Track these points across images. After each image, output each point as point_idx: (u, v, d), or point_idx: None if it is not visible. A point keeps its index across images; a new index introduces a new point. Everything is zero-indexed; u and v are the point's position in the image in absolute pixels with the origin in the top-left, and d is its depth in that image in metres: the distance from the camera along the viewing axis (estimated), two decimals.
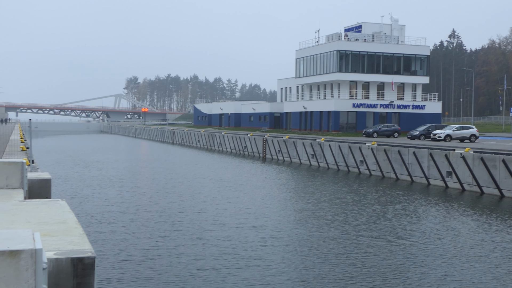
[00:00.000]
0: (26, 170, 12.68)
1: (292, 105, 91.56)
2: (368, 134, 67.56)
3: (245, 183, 40.20)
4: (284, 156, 62.41)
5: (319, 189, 37.56)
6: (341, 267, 17.69)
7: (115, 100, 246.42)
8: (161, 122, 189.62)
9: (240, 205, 29.91)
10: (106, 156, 66.22)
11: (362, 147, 48.79)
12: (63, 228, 8.02)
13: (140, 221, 24.95)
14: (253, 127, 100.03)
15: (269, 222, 25.23)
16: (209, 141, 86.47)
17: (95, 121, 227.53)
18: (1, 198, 10.95)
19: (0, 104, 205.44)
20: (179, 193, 34.26)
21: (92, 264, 6.29)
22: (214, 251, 19.43)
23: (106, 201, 30.67)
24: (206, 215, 26.64)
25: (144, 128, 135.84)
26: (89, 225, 23.45)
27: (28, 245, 4.58)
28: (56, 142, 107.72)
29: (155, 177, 43.55)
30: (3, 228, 8.04)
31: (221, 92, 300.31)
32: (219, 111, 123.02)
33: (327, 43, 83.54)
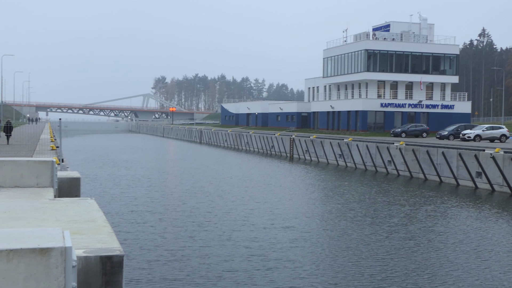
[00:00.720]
0: (56, 169, 12.84)
1: (319, 104, 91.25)
2: (396, 134, 67.03)
3: (273, 183, 40.06)
4: (311, 156, 62.22)
5: (347, 189, 37.27)
6: (372, 270, 17.41)
7: (143, 100, 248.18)
8: (188, 122, 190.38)
9: (268, 205, 29.68)
10: (135, 156, 66.69)
11: (390, 147, 48.43)
12: (92, 227, 8.10)
13: (168, 221, 24.91)
14: (280, 127, 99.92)
15: (299, 223, 25.00)
16: (236, 141, 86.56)
17: (123, 121, 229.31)
18: (32, 196, 11.10)
19: (31, 104, 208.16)
20: (207, 193, 34.18)
21: (120, 262, 6.34)
22: (243, 252, 19.25)
23: (134, 200, 30.78)
24: (234, 215, 26.48)
25: (172, 128, 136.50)
26: (117, 224, 23.49)
27: (58, 243, 4.63)
28: (85, 141, 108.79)
29: (183, 177, 43.70)
30: (34, 226, 8.15)
31: (248, 92, 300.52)
32: (246, 110, 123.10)
33: (355, 43, 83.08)
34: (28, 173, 12.37)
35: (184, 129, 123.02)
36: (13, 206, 9.84)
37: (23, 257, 4.47)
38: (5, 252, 4.41)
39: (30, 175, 12.38)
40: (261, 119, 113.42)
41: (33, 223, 8.37)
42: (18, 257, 4.45)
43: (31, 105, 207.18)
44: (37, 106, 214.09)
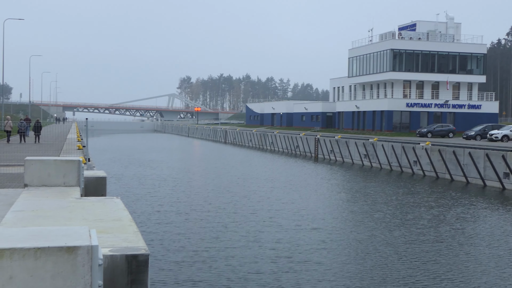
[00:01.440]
0: (82, 168, 12.95)
1: (344, 104, 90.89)
2: (422, 134, 66.46)
3: (298, 183, 39.94)
4: (336, 156, 62.01)
5: (374, 190, 37.02)
6: (402, 273, 17.12)
7: (169, 100, 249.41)
8: (213, 122, 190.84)
9: (294, 206, 29.47)
10: (160, 155, 67.06)
11: (416, 147, 48.06)
12: (118, 226, 8.16)
13: (193, 221, 24.89)
14: (305, 127, 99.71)
15: (325, 224, 24.77)
16: (261, 141, 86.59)
17: (149, 121, 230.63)
18: (59, 195, 11.22)
19: (58, 104, 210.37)
20: (232, 193, 34.13)
21: (146, 261, 6.38)
22: (269, 254, 19.06)
23: (159, 200, 30.90)
24: (260, 216, 26.34)
25: (197, 128, 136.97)
26: (142, 224, 23.55)
27: (85, 241, 4.68)
28: (111, 141, 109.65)
29: (208, 177, 43.79)
30: (61, 224, 8.23)
31: (273, 92, 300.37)
32: (271, 110, 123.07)
33: (380, 42, 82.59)
34: (55, 172, 12.50)
35: (209, 129, 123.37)
36: (40, 205, 9.96)
37: (51, 255, 4.52)
38: (33, 250, 4.47)
39: (57, 174, 12.50)
40: (286, 119, 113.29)
41: (60, 222, 8.46)
42: (45, 255, 4.50)
43: (58, 105, 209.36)
44: (64, 106, 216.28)
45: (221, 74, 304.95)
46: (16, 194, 12.86)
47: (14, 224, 8.16)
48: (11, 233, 4.96)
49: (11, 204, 10.83)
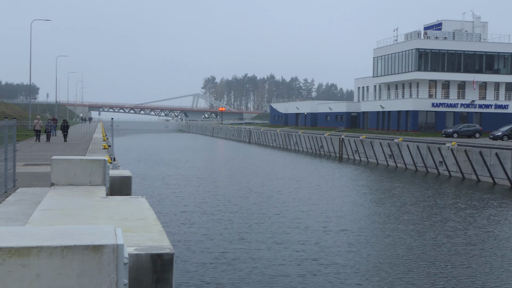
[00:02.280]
0: (108, 168, 13.06)
1: (369, 104, 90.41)
2: (448, 134, 65.81)
3: (323, 183, 39.71)
4: (360, 156, 61.71)
5: (401, 191, 36.62)
6: (432, 277, 16.70)
7: (193, 100, 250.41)
8: (238, 122, 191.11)
9: (320, 207, 29.11)
10: (185, 155, 67.32)
11: (442, 148, 47.62)
12: (143, 225, 8.21)
13: (218, 222, 24.70)
14: (329, 127, 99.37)
15: (353, 226, 24.37)
16: (285, 141, 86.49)
17: (173, 120, 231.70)
18: (85, 194, 11.33)
19: (84, 104, 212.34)
20: (257, 194, 33.92)
21: (170, 260, 6.41)
22: (296, 256, 18.74)
23: (184, 200, 30.94)
24: (286, 217, 26.03)
25: (221, 127, 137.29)
26: (167, 224, 23.43)
27: (111, 240, 4.71)
28: (136, 140, 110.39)
29: (232, 177, 43.82)
30: (87, 223, 8.31)
31: (297, 92, 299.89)
32: (295, 110, 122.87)
33: (405, 42, 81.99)
34: (81, 171, 12.62)
35: (233, 129, 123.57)
36: (67, 204, 10.06)
37: (77, 254, 4.56)
38: (59, 248, 4.51)
39: (83, 174, 12.62)
40: (310, 119, 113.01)
41: (86, 221, 8.54)
42: (72, 254, 4.54)
43: (84, 105, 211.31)
44: (90, 106, 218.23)
45: (246, 74, 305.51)
46: (43, 193, 13.01)
47: (41, 222, 8.25)
48: (38, 231, 5.01)
49: (38, 203, 10.96)
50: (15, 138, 16.41)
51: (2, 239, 4.63)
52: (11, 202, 12.66)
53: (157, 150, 76.08)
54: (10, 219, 10.66)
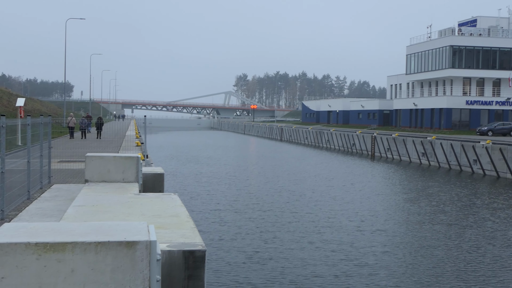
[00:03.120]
0: (140, 165, 13.17)
1: (402, 102, 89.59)
2: (483, 132, 64.85)
3: (357, 182, 39.25)
4: (393, 154, 61.18)
5: (436, 190, 35.93)
6: (473, 282, 16.14)
7: (225, 97, 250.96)
8: (269, 119, 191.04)
9: (353, 206, 28.63)
10: (216, 152, 67.53)
11: (476, 146, 46.96)
12: (176, 221, 8.26)
13: (250, 220, 24.48)
14: (361, 125, 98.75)
15: (388, 226, 23.88)
16: (317, 138, 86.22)
17: (205, 118, 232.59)
18: (118, 191, 11.44)
19: (117, 101, 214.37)
20: (289, 192, 33.61)
21: (202, 257, 6.44)
22: (329, 256, 18.38)
23: (215, 197, 30.90)
24: (318, 216, 25.63)
25: (253, 125, 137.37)
26: (198, 221, 23.27)
27: (144, 236, 4.75)
28: (168, 138, 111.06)
29: (264, 175, 43.72)
30: (120, 219, 8.39)
31: (329, 89, 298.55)
32: (327, 108, 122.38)
33: (439, 39, 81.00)
34: (115, 168, 12.75)
35: (265, 126, 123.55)
36: (100, 200, 10.18)
37: (110, 250, 4.61)
38: (93, 244, 4.57)
39: (117, 171, 12.76)
40: (342, 117, 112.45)
41: (119, 217, 8.62)
42: (105, 250, 4.60)
43: (117, 102, 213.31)
44: (123, 103, 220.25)
45: (277, 72, 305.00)
46: (78, 189, 13.19)
47: (75, 218, 8.36)
48: (72, 227, 5.08)
49: (72, 199, 11.12)
50: (50, 135, 16.66)
51: (38, 234, 4.71)
52: (46, 198, 12.86)
53: (189, 148, 76.47)
54: (45, 215, 10.83)
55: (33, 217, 10.67)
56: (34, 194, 13.32)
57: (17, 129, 25.74)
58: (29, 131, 13.38)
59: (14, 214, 11.01)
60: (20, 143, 24.25)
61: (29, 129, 13.38)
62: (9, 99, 66.41)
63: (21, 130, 24.84)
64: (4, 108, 53.80)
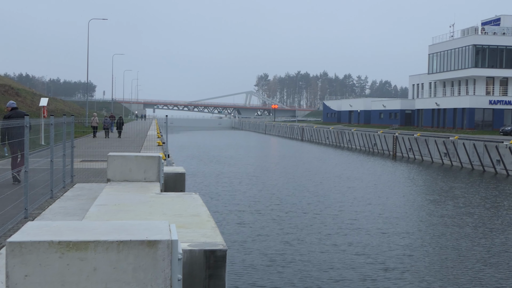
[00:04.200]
0: (162, 164, 13.22)
1: (424, 101, 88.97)
2: (506, 132, 64.10)
3: (379, 183, 38.97)
4: (415, 154, 60.78)
5: (461, 191, 35.44)
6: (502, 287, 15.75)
7: (246, 97, 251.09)
8: (290, 119, 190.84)
9: (376, 207, 28.24)
10: (237, 152, 67.62)
11: (499, 146, 46.46)
12: (197, 221, 8.28)
13: (271, 221, 24.24)
14: (383, 125, 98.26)
15: (413, 228, 23.49)
16: (338, 138, 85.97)
17: (226, 118, 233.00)
18: (140, 190, 11.50)
19: (139, 101, 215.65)
20: (311, 193, 33.30)
21: (223, 257, 6.45)
22: (352, 260, 18.05)
23: (236, 198, 30.86)
24: (340, 218, 25.28)
25: (274, 125, 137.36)
26: (219, 221, 23.13)
27: (165, 236, 4.77)
28: (189, 137, 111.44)
29: (286, 175, 43.63)
30: (142, 218, 8.43)
31: (350, 89, 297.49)
32: (348, 108, 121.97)
33: (462, 38, 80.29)
34: (136, 168, 12.81)
35: (286, 126, 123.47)
36: (122, 199, 10.24)
37: (132, 249, 4.63)
38: (115, 243, 4.59)
39: (138, 170, 12.81)
40: (363, 117, 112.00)
41: (141, 216, 8.67)
42: (127, 249, 4.62)
43: (139, 102, 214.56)
44: (144, 103, 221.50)
45: (298, 71, 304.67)
46: (100, 188, 13.29)
47: (97, 217, 8.42)
48: (95, 226, 5.12)
49: (95, 198, 11.20)
50: (73, 134, 16.83)
51: (61, 233, 4.75)
52: (69, 197, 12.98)
53: (210, 148, 76.66)
54: (68, 214, 10.93)
55: (56, 215, 10.78)
56: (57, 193, 13.46)
57: (40, 128, 26.01)
58: (52, 131, 13.51)
59: (37, 212, 11.13)
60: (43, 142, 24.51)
61: (52, 129, 13.51)
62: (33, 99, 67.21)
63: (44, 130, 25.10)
64: (28, 108, 54.41)
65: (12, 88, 66.50)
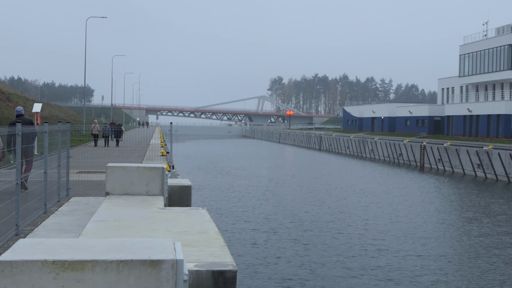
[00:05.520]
0: (166, 176, 13.25)
1: (454, 107, 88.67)
2: None
3: (407, 198, 38.55)
4: (444, 166, 60.53)
5: (501, 207, 34.74)
6: None
7: (258, 103, 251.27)
8: (307, 126, 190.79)
9: (404, 226, 27.65)
10: (249, 163, 67.61)
11: None
12: (204, 239, 8.29)
13: (286, 241, 23.92)
14: (409, 133, 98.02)
15: (448, 249, 22.92)
16: (359, 148, 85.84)
17: (237, 125, 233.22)
18: (142, 205, 11.53)
19: (141, 107, 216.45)
20: (332, 209, 32.81)
21: (233, 278, 6.44)
22: (387, 286, 17.73)
23: (247, 214, 30.73)
24: (365, 238, 24.79)
25: (289, 133, 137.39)
26: (228, 240, 22.89)
27: (169, 255, 4.78)
28: (196, 146, 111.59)
29: (302, 189, 43.45)
30: (144, 236, 8.45)
31: (373, 93, 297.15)
32: (371, 114, 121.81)
33: (497, 37, 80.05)
34: (138, 180, 12.85)
35: (302, 135, 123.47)
36: (122, 215, 10.27)
37: (133, 269, 4.64)
38: (115, 263, 4.60)
39: (140, 183, 12.85)
40: (387, 124, 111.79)
41: (143, 233, 8.69)
42: (128, 269, 4.63)
43: (141, 108, 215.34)
44: (147, 109, 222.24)
45: (316, 74, 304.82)
46: (98, 202, 13.33)
47: (95, 234, 8.45)
48: (92, 244, 5.13)
49: (92, 213, 11.24)
50: (68, 143, 16.84)
51: (55, 252, 4.76)
52: (64, 212, 13.02)
53: (219, 158, 76.72)
54: (63, 231, 10.97)
55: (50, 232, 10.82)
56: (51, 208, 13.51)
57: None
58: (46, 139, 13.58)
59: (29, 229, 11.18)
60: (36, 152, 24.64)
61: (46, 137, 13.57)
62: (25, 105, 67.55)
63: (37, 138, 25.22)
64: None
65: (2, 93, 66.92)
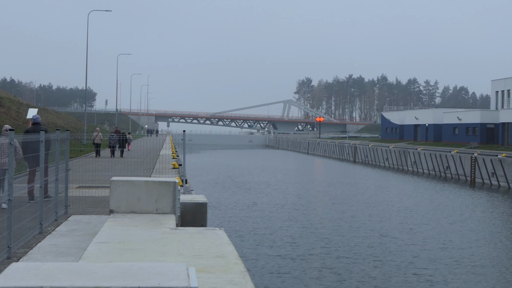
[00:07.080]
0: (178, 192, 13.25)
1: (511, 113, 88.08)
2: None
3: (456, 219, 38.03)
4: (499, 180, 60.05)
5: None
6: None
7: (284, 108, 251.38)
8: (339, 135, 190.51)
9: (460, 254, 27.22)
10: (273, 177, 67.50)
11: None
12: (221, 263, 8.28)
13: (315, 270, 23.77)
14: (458, 142, 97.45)
15: (508, 278, 22.81)
16: (400, 160, 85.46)
17: (259, 133, 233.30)
18: (150, 224, 11.54)
19: (150, 113, 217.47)
20: (370, 232, 32.60)
21: None
22: None
23: (271, 236, 30.57)
24: (414, 266, 24.53)
25: (319, 142, 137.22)
26: (249, 266, 22.78)
27: (182, 282, 4.78)
28: (213, 158, 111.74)
29: (336, 207, 42.79)
30: (153, 260, 8.47)
31: (416, 97, 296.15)
32: (413, 121, 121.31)
33: None
34: (146, 196, 12.86)
35: (334, 144, 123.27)
36: (128, 236, 10.30)
37: None
38: None
39: (149, 199, 12.86)
40: (432, 132, 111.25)
41: (152, 257, 8.70)
42: None
43: (150, 114, 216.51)
44: (156, 115, 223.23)
45: (350, 76, 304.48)
46: (100, 222, 13.38)
47: (97, 258, 8.48)
48: (94, 269, 5.15)
49: (94, 234, 11.28)
50: (67, 154, 16.86)
51: (53, 277, 4.78)
52: (62, 232, 13.09)
53: (239, 171, 76.71)
54: (61, 253, 11.02)
55: (46, 255, 10.88)
56: (47, 227, 13.58)
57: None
58: (43, 150, 13.64)
59: (23, 251, 11.24)
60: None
61: (43, 147, 13.64)
62: (18, 110, 68.02)
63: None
64: (13, 121, 55.13)
65: None
